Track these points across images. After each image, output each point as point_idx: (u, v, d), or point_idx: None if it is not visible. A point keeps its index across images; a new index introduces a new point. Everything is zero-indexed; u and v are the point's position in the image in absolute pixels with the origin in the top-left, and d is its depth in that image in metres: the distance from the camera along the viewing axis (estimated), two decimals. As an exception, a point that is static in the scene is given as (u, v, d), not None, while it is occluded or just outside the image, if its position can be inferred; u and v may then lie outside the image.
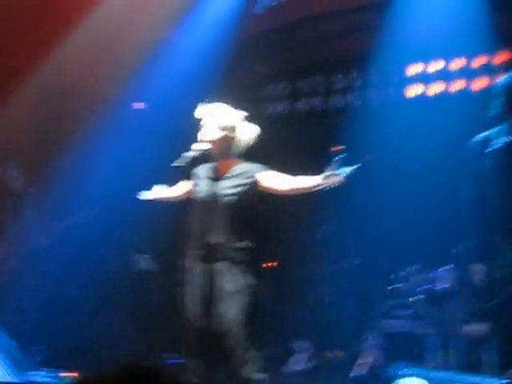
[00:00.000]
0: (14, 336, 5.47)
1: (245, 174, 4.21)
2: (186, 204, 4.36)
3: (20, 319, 5.94)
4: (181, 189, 4.43)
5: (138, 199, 4.56)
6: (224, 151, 4.23)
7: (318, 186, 3.99)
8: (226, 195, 4.14)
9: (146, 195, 4.50)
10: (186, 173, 4.20)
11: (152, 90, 7.03)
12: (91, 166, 6.43)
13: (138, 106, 7.37)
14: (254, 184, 4.19)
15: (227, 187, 4.17)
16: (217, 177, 4.25)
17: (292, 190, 4.13)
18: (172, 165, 4.05)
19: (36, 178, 6.48)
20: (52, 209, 6.37)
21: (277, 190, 4.20)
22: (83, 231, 6.53)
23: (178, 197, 4.47)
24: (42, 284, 6.32)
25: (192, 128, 4.48)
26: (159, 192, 4.48)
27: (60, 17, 6.34)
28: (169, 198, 4.51)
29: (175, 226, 4.85)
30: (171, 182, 4.54)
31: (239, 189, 4.16)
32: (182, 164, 4.07)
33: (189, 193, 4.33)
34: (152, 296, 7.22)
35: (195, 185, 4.18)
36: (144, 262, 7.32)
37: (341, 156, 3.92)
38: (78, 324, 6.81)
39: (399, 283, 6.18)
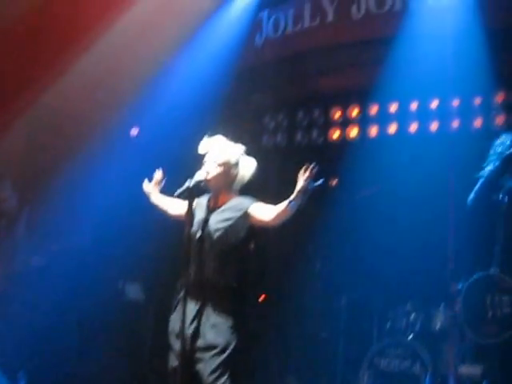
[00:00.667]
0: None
1: (235, 207, 4.21)
2: (178, 234, 4.30)
3: (6, 343, 5.82)
4: (178, 208, 4.43)
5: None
6: (222, 186, 4.26)
7: (292, 201, 3.96)
8: (215, 230, 4.12)
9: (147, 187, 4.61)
10: (187, 200, 4.16)
11: (151, 117, 7.05)
12: (85, 190, 6.40)
13: (136, 132, 7.37)
14: (244, 218, 4.16)
15: (217, 221, 4.17)
16: (211, 210, 4.23)
17: (276, 216, 4.10)
18: (175, 194, 4.02)
19: (30, 199, 6.43)
20: (44, 231, 6.32)
21: (265, 222, 4.17)
22: (73, 257, 6.52)
23: (172, 215, 4.50)
24: (30, 307, 6.24)
25: (190, 156, 4.46)
26: (160, 198, 4.56)
27: (60, 42, 6.36)
28: (166, 211, 4.54)
29: (167, 256, 4.82)
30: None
31: (227, 223, 4.15)
32: (184, 192, 4.04)
33: (181, 217, 4.31)
34: (140, 325, 7.15)
35: (191, 217, 4.12)
36: (133, 291, 7.25)
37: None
38: (65, 351, 6.73)
39: (395, 321, 6.13)
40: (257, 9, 7.05)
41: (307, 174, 3.93)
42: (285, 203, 4.01)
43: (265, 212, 4.14)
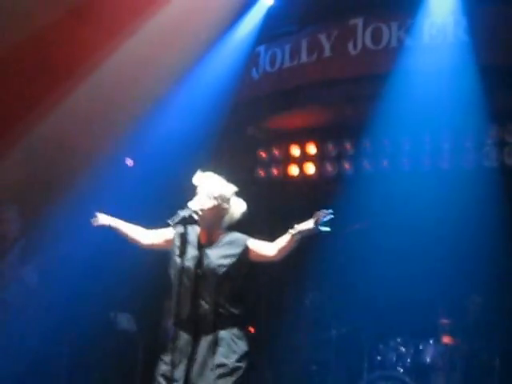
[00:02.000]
0: None
1: (234, 243, 4.21)
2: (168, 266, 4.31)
3: None
4: (151, 238, 4.35)
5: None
6: (213, 220, 4.25)
7: (296, 235, 3.97)
8: (220, 266, 4.13)
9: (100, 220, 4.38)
10: (177, 230, 4.17)
11: (146, 147, 7.08)
12: (80, 219, 6.39)
13: (131, 162, 7.40)
14: (245, 253, 4.17)
15: (218, 257, 4.16)
16: (204, 246, 4.25)
17: (280, 250, 4.12)
18: (168, 221, 4.02)
19: (27, 227, 6.43)
20: (38, 259, 6.31)
21: (269, 257, 4.19)
22: (65, 287, 6.45)
23: (145, 245, 4.36)
24: (20, 335, 6.20)
25: (183, 187, 4.49)
26: (126, 226, 4.38)
27: (56, 74, 6.41)
28: (134, 239, 4.37)
29: (159, 287, 4.80)
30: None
31: (232, 259, 4.15)
32: (180, 221, 4.05)
33: (155, 246, 4.32)
34: (131, 357, 7.09)
35: (181, 249, 4.13)
36: (125, 321, 7.20)
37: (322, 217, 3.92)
38: (55, 380, 6.67)
39: (385, 354, 6.14)
40: (254, 43, 7.13)
41: (321, 216, 3.94)
42: (287, 237, 4.04)
43: (266, 247, 4.15)
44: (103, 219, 4.37)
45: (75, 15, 6.30)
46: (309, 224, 3.95)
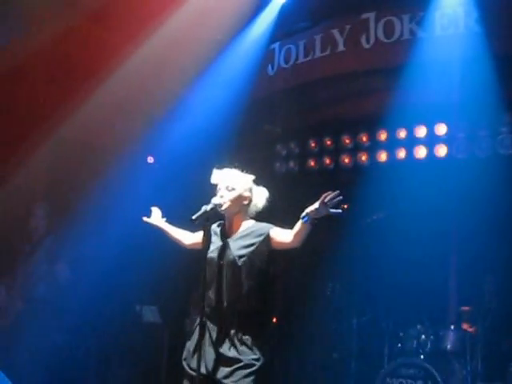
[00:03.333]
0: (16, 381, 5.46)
1: (255, 232, 4.28)
2: (196, 260, 4.43)
3: (22, 364, 5.88)
4: (192, 238, 4.51)
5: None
6: (236, 211, 4.33)
7: (305, 216, 4.03)
8: (239, 256, 4.24)
9: (153, 219, 4.60)
10: (201, 226, 4.29)
11: (167, 145, 7.20)
12: (106, 218, 6.54)
13: (152, 160, 7.52)
14: (266, 242, 4.23)
15: (239, 247, 4.24)
16: (228, 237, 4.34)
17: (296, 236, 4.17)
18: (193, 217, 4.14)
19: (53, 227, 6.59)
20: (66, 258, 6.46)
21: (287, 244, 4.27)
22: (92, 282, 6.57)
23: (187, 245, 4.54)
24: (48, 330, 6.36)
25: (204, 184, 4.61)
26: (172, 228, 4.58)
27: (81, 75, 6.55)
28: (178, 239, 4.58)
29: (185, 279, 4.92)
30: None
31: (251, 248, 4.22)
32: (201, 217, 4.16)
33: (197, 245, 4.40)
34: (156, 348, 7.22)
35: (207, 242, 4.25)
36: (150, 314, 7.34)
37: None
38: (84, 373, 6.85)
39: (406, 342, 6.20)
40: (269, 40, 7.21)
41: (329, 197, 3.95)
42: (299, 223, 4.13)
43: (285, 235, 4.20)
44: (155, 218, 4.60)
45: (94, 20, 6.44)
46: (315, 205, 3.96)
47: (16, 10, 6.09)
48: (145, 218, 4.61)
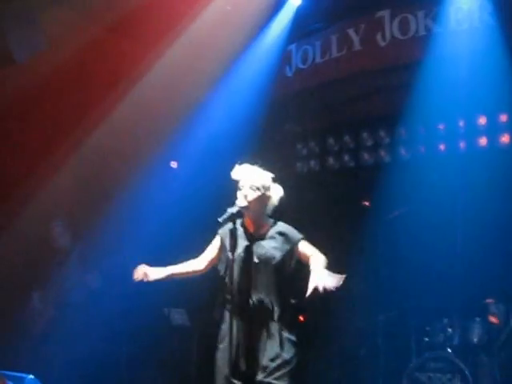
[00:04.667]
0: None
1: (287, 236, 4.36)
2: (221, 262, 4.50)
3: (56, 370, 5.97)
4: (204, 260, 4.52)
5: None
6: (259, 209, 4.42)
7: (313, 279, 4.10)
8: (271, 256, 4.30)
9: (142, 274, 4.42)
10: (226, 228, 4.35)
11: (189, 149, 7.30)
12: (131, 222, 6.64)
13: (175, 164, 7.62)
14: (295, 249, 4.35)
15: (270, 248, 4.32)
16: (254, 236, 4.43)
17: (312, 263, 4.28)
18: (218, 219, 4.20)
19: (81, 235, 6.71)
20: (95, 263, 6.57)
21: (303, 261, 4.39)
22: (121, 287, 6.66)
23: (203, 269, 4.52)
24: (80, 335, 6.47)
25: (228, 186, 4.68)
26: (174, 269, 4.47)
27: (103, 85, 6.67)
28: (191, 272, 4.53)
29: (212, 281, 4.98)
30: (205, 237, 4.63)
31: (282, 252, 4.32)
32: (227, 219, 4.24)
33: (212, 263, 4.49)
34: (187, 351, 7.29)
35: (232, 243, 4.29)
36: (179, 317, 7.41)
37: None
38: (114, 376, 6.91)
39: (433, 336, 6.23)
40: (286, 42, 7.30)
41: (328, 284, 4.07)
42: (322, 261, 4.25)
43: (307, 254, 4.31)
44: (153, 275, 4.43)
45: (114, 31, 6.56)
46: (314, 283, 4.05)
47: (37, 24, 6.22)
48: (146, 279, 4.42)
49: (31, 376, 4.88)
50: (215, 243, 4.50)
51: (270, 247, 4.32)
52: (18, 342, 6.34)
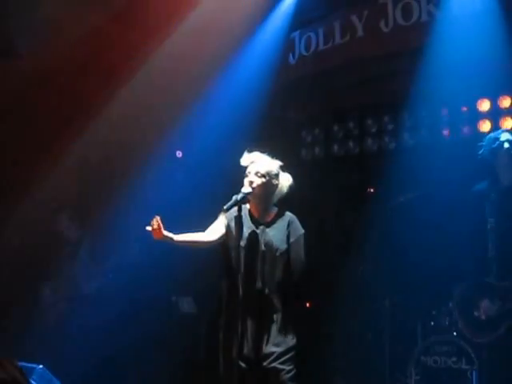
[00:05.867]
0: (61, 379, 5.57)
1: (291, 227, 4.43)
2: (226, 248, 4.53)
3: (66, 362, 5.95)
4: (214, 232, 4.50)
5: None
6: (264, 196, 4.47)
7: None
8: (276, 246, 4.35)
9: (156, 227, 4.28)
10: (231, 213, 4.39)
11: (194, 138, 7.32)
12: (136, 211, 6.67)
13: (180, 154, 7.65)
14: (301, 241, 4.45)
15: (276, 238, 4.37)
16: (259, 223, 4.47)
17: None
18: (224, 207, 4.24)
19: (90, 227, 6.76)
20: (103, 254, 6.62)
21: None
22: (127, 274, 6.72)
23: (214, 240, 4.48)
24: (88, 327, 6.53)
25: (233, 174, 4.72)
26: (183, 236, 4.41)
27: (107, 74, 6.70)
28: (200, 242, 4.47)
29: (219, 269, 5.02)
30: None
31: (287, 244, 4.39)
32: (232, 206, 4.28)
33: (223, 237, 4.49)
34: (194, 338, 7.35)
35: (237, 230, 4.34)
36: (186, 305, 7.48)
37: None
38: (122, 366, 7.01)
39: (439, 320, 6.27)
40: (289, 30, 7.30)
41: None
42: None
43: (291, 260, 4.42)
44: (164, 235, 4.30)
45: (117, 19, 6.58)
46: None
47: (40, 14, 6.24)
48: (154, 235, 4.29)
49: (41, 366, 4.94)
50: (221, 220, 4.50)
51: (274, 237, 4.36)
52: (29, 333, 6.42)
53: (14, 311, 6.69)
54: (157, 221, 4.21)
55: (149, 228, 4.23)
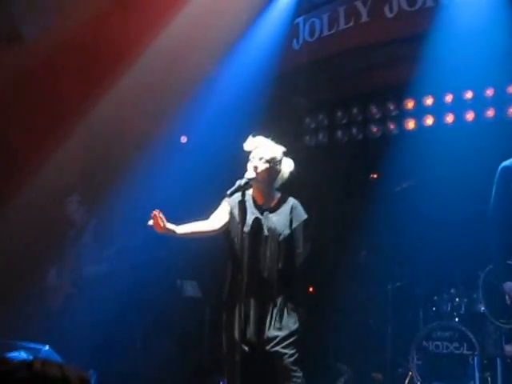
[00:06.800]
0: (66, 360, 5.62)
1: (294, 214, 4.45)
2: (229, 233, 4.55)
3: (71, 343, 6.04)
4: (218, 220, 4.49)
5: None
6: (267, 182, 4.48)
7: None
8: (279, 231, 4.37)
9: (158, 221, 4.21)
10: (235, 199, 4.40)
11: (198, 123, 7.33)
12: (142, 196, 6.70)
13: (185, 139, 7.66)
14: (303, 226, 4.47)
15: (279, 225, 4.39)
16: (262, 208, 4.49)
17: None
18: (227, 192, 4.26)
19: (96, 210, 6.79)
20: (108, 238, 6.66)
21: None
22: (133, 258, 6.74)
23: (218, 228, 4.47)
24: (95, 309, 6.58)
25: (237, 159, 4.73)
26: (185, 226, 4.36)
27: (111, 58, 6.70)
28: (203, 231, 4.45)
29: (223, 253, 5.05)
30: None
31: (290, 229, 4.41)
32: (236, 191, 4.29)
33: (226, 225, 4.50)
34: (198, 321, 7.41)
35: (241, 215, 4.35)
36: (191, 288, 7.52)
37: None
38: (130, 347, 7.06)
39: (441, 306, 6.31)
40: (293, 16, 7.28)
41: None
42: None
43: (294, 243, 4.47)
44: (167, 227, 4.25)
45: (119, 4, 6.58)
46: None
47: (42, 1, 6.24)
48: (156, 227, 4.23)
49: (47, 347, 5.00)
50: (224, 207, 4.52)
51: (277, 222, 4.39)
52: (36, 315, 6.48)
53: (20, 294, 6.74)
54: (156, 215, 4.17)
55: (150, 222, 4.19)
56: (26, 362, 1.61)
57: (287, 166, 4.56)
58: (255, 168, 4.39)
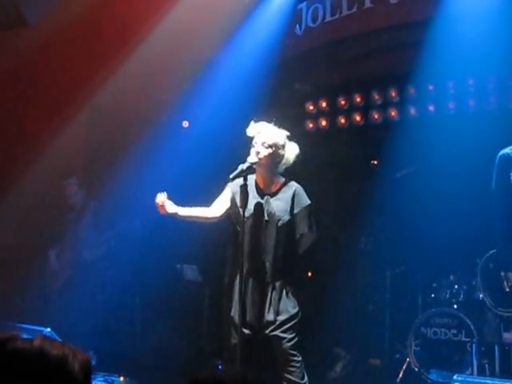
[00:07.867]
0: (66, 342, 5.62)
1: (296, 199, 4.46)
2: (232, 218, 4.57)
3: (72, 325, 6.11)
4: (220, 207, 4.56)
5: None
6: (270, 166, 4.49)
7: None
8: (279, 216, 4.39)
9: (161, 203, 4.34)
10: (237, 183, 4.41)
11: (200, 108, 7.33)
12: (143, 180, 6.72)
13: (186, 124, 7.67)
14: (304, 212, 4.49)
15: (279, 210, 4.41)
16: (264, 193, 4.50)
17: None
18: (230, 176, 4.27)
19: (95, 194, 6.81)
20: (107, 221, 6.68)
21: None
22: (132, 241, 6.77)
23: (220, 216, 4.55)
24: (96, 291, 6.61)
25: (239, 144, 4.74)
26: (188, 209, 4.47)
27: (114, 42, 6.70)
28: (205, 217, 4.55)
29: (222, 237, 5.06)
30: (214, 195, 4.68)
31: (291, 214, 4.44)
32: (238, 175, 4.30)
33: (228, 210, 4.54)
34: (198, 305, 7.45)
35: (243, 199, 4.38)
36: (191, 272, 7.55)
37: None
38: (130, 329, 7.13)
39: (439, 292, 6.33)
40: (296, 1, 7.24)
41: None
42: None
43: (297, 227, 4.50)
44: (169, 208, 4.38)
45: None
46: None
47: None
48: (159, 208, 4.35)
49: (48, 329, 5.04)
50: (226, 193, 4.54)
51: (277, 207, 4.40)
52: (37, 298, 6.52)
53: (21, 277, 6.78)
54: (160, 198, 4.28)
55: (158, 199, 4.32)
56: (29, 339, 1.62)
57: (291, 151, 4.56)
58: (258, 153, 4.40)
